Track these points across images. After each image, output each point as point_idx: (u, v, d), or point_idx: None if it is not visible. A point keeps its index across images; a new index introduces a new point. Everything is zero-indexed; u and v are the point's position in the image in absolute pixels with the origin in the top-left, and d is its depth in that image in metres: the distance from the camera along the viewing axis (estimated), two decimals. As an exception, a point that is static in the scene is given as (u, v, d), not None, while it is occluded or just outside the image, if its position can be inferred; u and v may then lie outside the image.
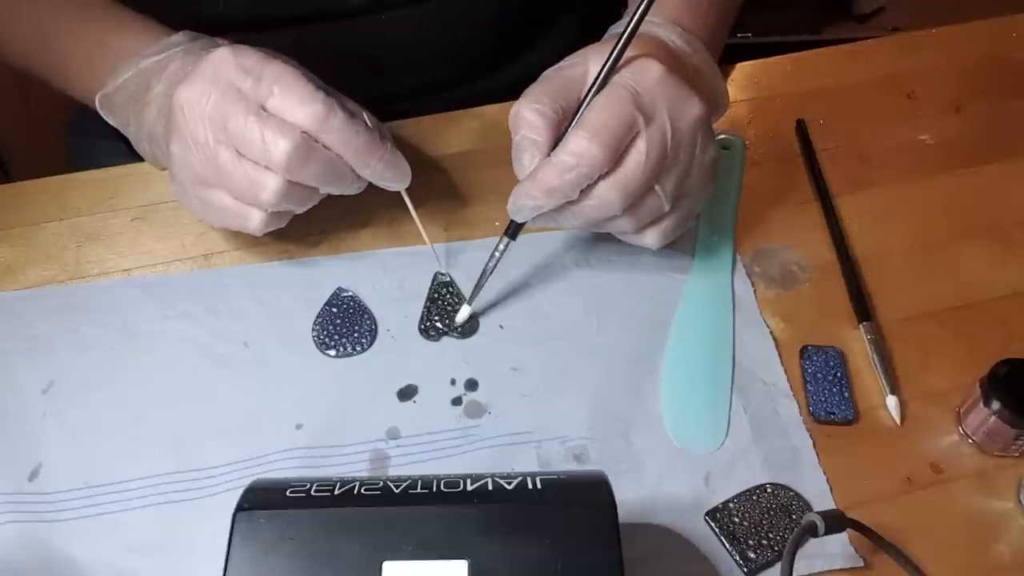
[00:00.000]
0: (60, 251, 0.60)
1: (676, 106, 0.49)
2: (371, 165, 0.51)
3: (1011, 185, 0.64)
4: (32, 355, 0.55)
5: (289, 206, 0.52)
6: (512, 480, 0.42)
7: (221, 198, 0.52)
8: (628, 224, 0.52)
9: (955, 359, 0.56)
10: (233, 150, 0.49)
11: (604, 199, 0.49)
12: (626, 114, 0.48)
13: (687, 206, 0.53)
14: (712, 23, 0.60)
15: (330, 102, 0.49)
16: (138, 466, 0.51)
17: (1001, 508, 0.51)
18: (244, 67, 0.49)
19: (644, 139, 0.48)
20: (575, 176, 0.48)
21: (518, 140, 0.50)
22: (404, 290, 0.58)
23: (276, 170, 0.49)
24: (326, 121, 0.49)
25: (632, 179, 0.49)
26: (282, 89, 0.49)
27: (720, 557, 0.49)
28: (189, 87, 0.50)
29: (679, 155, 0.50)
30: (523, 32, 0.74)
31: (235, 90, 0.49)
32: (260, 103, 0.49)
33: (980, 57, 0.72)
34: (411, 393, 0.54)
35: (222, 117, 0.49)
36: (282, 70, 0.49)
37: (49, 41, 0.61)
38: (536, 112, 0.49)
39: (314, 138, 0.49)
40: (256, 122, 0.48)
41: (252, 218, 0.52)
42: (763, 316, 0.57)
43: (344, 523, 0.40)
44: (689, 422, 0.53)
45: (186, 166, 0.52)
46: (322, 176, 0.50)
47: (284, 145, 0.48)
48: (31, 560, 0.48)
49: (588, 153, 0.47)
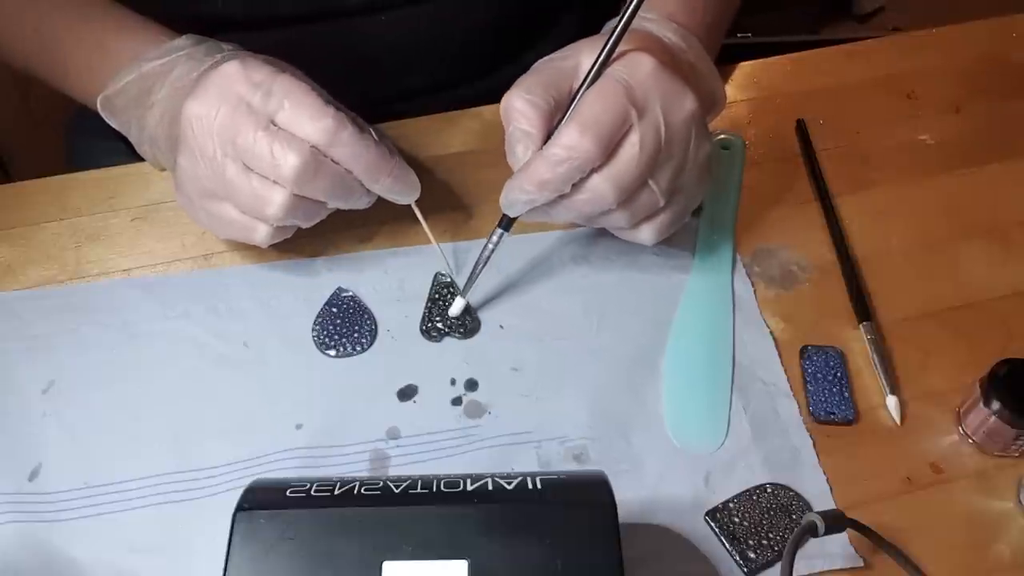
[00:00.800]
0: (60, 251, 0.60)
1: (669, 100, 0.49)
2: (380, 180, 0.51)
3: (1011, 185, 0.64)
4: (32, 355, 0.55)
5: (295, 221, 0.52)
6: (512, 480, 0.42)
7: (228, 211, 0.52)
8: (622, 219, 0.52)
9: (955, 359, 0.56)
10: (241, 164, 0.49)
11: (597, 192, 0.49)
12: (619, 107, 0.48)
13: (682, 202, 0.53)
14: (708, 20, 0.60)
15: (340, 116, 0.49)
16: (138, 466, 0.51)
17: (1001, 508, 0.51)
18: (253, 81, 0.49)
19: (637, 132, 0.48)
20: (567, 169, 0.48)
21: (511, 131, 0.50)
22: (404, 290, 0.58)
23: (285, 185, 0.49)
24: (336, 136, 0.49)
25: (625, 172, 0.49)
26: (292, 104, 0.49)
27: (720, 557, 0.49)
28: (198, 101, 0.49)
29: (673, 150, 0.50)
30: (522, 32, 0.74)
31: (244, 104, 0.49)
32: (269, 117, 0.49)
33: (980, 57, 0.72)
34: (411, 393, 0.54)
35: (231, 131, 0.49)
36: (291, 84, 0.49)
37: (49, 42, 0.61)
38: (527, 102, 0.49)
39: (323, 153, 0.49)
40: (265, 137, 0.48)
41: (258, 231, 0.52)
42: (763, 316, 0.57)
43: (344, 523, 0.40)
44: (689, 422, 0.53)
45: (193, 179, 0.52)
46: (331, 191, 0.51)
47: (293, 160, 0.48)
48: (31, 560, 0.48)
49: (580, 146, 0.47)
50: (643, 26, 0.56)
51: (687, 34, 0.57)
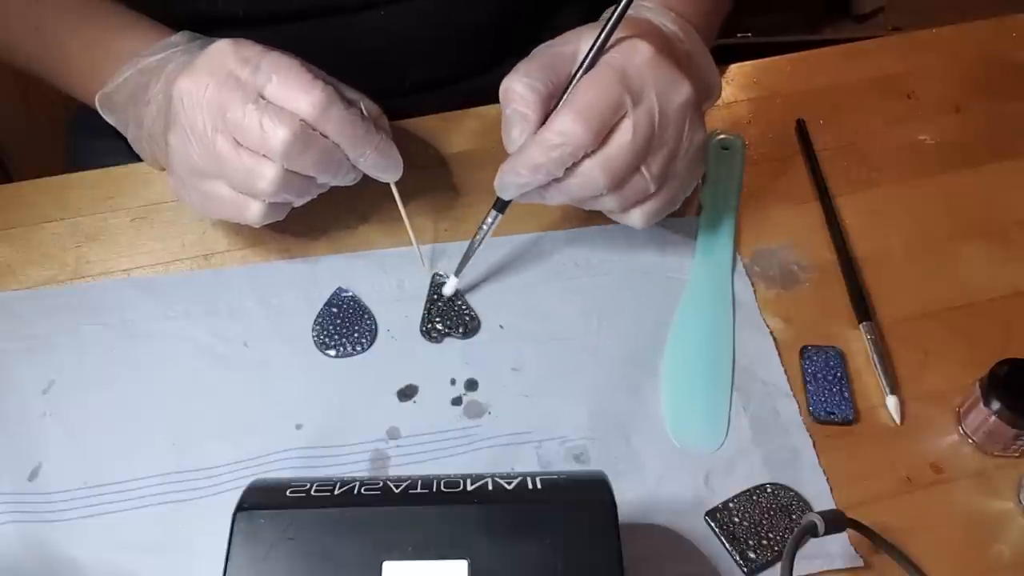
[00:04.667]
0: (60, 251, 0.60)
1: (664, 88, 0.49)
2: (366, 154, 0.51)
3: (1011, 185, 0.64)
4: (32, 355, 0.55)
5: (287, 196, 0.52)
6: (512, 480, 0.42)
7: (220, 189, 0.52)
8: (613, 203, 0.52)
9: (955, 359, 0.56)
10: (231, 139, 0.49)
11: (589, 177, 0.49)
12: (613, 94, 0.48)
13: (674, 188, 0.53)
14: (705, 10, 0.60)
15: (329, 90, 0.49)
16: (138, 466, 0.51)
17: (1001, 508, 0.51)
18: (243, 57, 0.49)
19: (631, 119, 0.49)
20: (559, 154, 0.48)
21: (508, 113, 0.51)
22: (404, 290, 0.58)
23: (274, 158, 0.49)
24: (325, 109, 0.49)
25: (617, 158, 0.49)
26: (280, 77, 0.49)
27: (720, 557, 0.49)
28: (187, 77, 0.50)
29: (666, 137, 0.50)
30: (523, 28, 0.74)
31: (234, 79, 0.49)
32: (258, 91, 0.49)
33: (980, 57, 0.72)
34: (411, 393, 0.54)
35: (220, 105, 0.49)
36: (280, 59, 0.49)
37: (51, 42, 0.61)
38: (526, 86, 0.50)
39: (312, 127, 0.49)
40: (255, 110, 0.48)
41: (251, 209, 0.52)
42: (763, 316, 0.57)
43: (344, 523, 0.40)
44: (689, 422, 0.53)
45: (184, 157, 0.52)
46: (320, 165, 0.51)
47: (283, 133, 0.48)
48: (31, 560, 0.48)
49: (573, 132, 0.48)
50: (641, 14, 0.56)
51: (684, 23, 0.57)
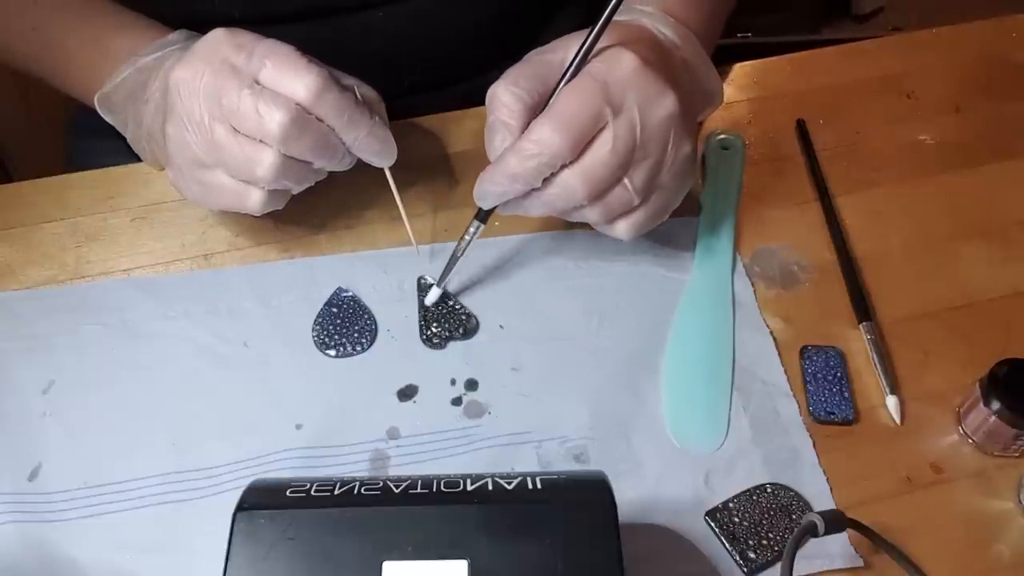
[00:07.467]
0: (60, 251, 0.60)
1: (648, 99, 0.49)
2: (360, 138, 0.51)
3: (1011, 185, 0.64)
4: (32, 355, 0.55)
5: (286, 183, 0.52)
6: (512, 480, 0.42)
7: (219, 178, 0.52)
8: (595, 214, 0.51)
9: (955, 359, 0.56)
10: (228, 126, 0.49)
11: (567, 187, 0.49)
12: (593, 105, 0.48)
13: (659, 201, 0.53)
14: (706, 15, 0.59)
15: (324, 73, 0.49)
16: (138, 466, 0.51)
17: (1001, 508, 0.51)
18: (237, 43, 0.50)
19: (611, 131, 0.48)
20: (536, 164, 0.48)
21: (492, 121, 0.51)
22: (404, 290, 0.58)
23: (271, 143, 0.49)
24: (320, 94, 0.49)
25: (595, 169, 0.49)
26: (275, 62, 0.49)
27: (720, 557, 0.49)
28: (183, 66, 0.50)
29: (649, 149, 0.50)
30: (521, 29, 0.74)
31: (229, 66, 0.49)
32: (254, 77, 0.49)
33: (980, 57, 0.72)
34: (411, 393, 0.54)
35: (216, 92, 0.49)
36: (274, 45, 0.50)
37: (49, 42, 0.61)
38: (512, 94, 0.50)
39: (308, 110, 0.49)
40: (250, 95, 0.48)
41: (251, 197, 0.52)
42: (763, 316, 0.57)
43: (344, 523, 0.39)
44: (689, 422, 0.53)
45: (183, 147, 0.52)
46: (316, 149, 0.51)
47: (280, 116, 0.48)
48: (31, 560, 0.48)
49: (550, 141, 0.48)
50: (637, 19, 0.56)
51: (684, 29, 0.57)
